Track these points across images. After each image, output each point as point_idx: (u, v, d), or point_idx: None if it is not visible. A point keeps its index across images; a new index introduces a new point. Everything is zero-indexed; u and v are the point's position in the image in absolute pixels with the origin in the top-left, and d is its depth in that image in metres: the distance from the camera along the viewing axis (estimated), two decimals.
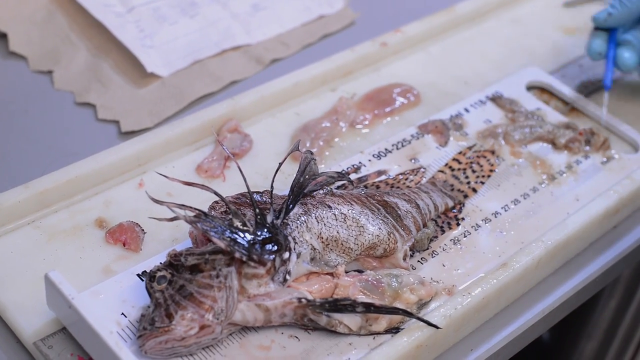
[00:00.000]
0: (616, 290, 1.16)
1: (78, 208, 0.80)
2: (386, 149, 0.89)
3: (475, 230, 0.83)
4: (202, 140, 0.88)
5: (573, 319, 1.10)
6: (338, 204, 0.77)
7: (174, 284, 0.69)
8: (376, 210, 0.78)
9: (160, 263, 0.70)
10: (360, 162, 0.87)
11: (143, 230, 0.79)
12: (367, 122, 0.92)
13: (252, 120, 0.91)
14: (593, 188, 0.89)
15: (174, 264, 0.70)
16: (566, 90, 0.99)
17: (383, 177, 0.86)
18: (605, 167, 0.91)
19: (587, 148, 0.92)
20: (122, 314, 0.71)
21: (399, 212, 0.79)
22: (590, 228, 0.84)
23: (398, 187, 0.84)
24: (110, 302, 0.72)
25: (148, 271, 0.70)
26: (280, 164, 0.75)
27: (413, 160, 0.88)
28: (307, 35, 1.04)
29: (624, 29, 0.97)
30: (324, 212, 0.75)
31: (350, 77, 0.97)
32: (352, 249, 0.75)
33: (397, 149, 0.89)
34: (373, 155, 0.88)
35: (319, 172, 0.79)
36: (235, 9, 1.05)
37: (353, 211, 0.77)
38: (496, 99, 0.97)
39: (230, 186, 0.84)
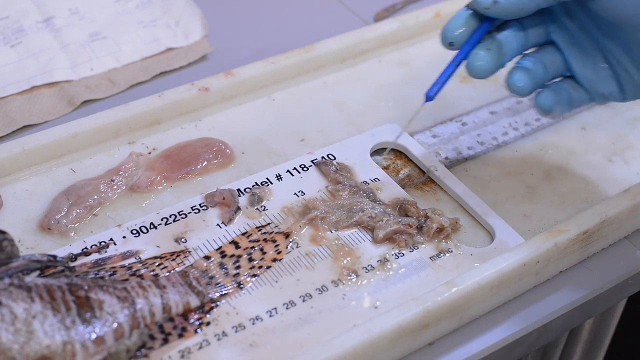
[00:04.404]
0: None
1: None
2: (152, 224, 0.72)
3: (218, 340, 0.64)
4: None
5: None
6: (14, 299, 0.61)
7: None
8: (64, 310, 0.61)
9: None
10: (111, 239, 0.70)
11: None
12: (150, 186, 0.75)
13: (13, 176, 0.75)
14: (404, 292, 0.68)
15: None
16: (422, 156, 0.78)
17: (131, 261, 0.69)
18: (434, 264, 0.70)
19: (419, 237, 0.72)
20: None
21: (97, 314, 0.62)
22: (375, 349, 0.64)
23: (140, 276, 0.67)
24: None
25: None
26: None
27: (180, 241, 0.71)
28: (141, 72, 0.88)
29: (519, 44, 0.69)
30: None
31: (157, 129, 0.80)
32: None
33: (167, 224, 0.72)
34: (132, 231, 0.71)
35: (20, 254, 0.64)
36: (68, 38, 0.89)
37: (30, 310, 0.60)
38: (321, 165, 0.77)
39: None
